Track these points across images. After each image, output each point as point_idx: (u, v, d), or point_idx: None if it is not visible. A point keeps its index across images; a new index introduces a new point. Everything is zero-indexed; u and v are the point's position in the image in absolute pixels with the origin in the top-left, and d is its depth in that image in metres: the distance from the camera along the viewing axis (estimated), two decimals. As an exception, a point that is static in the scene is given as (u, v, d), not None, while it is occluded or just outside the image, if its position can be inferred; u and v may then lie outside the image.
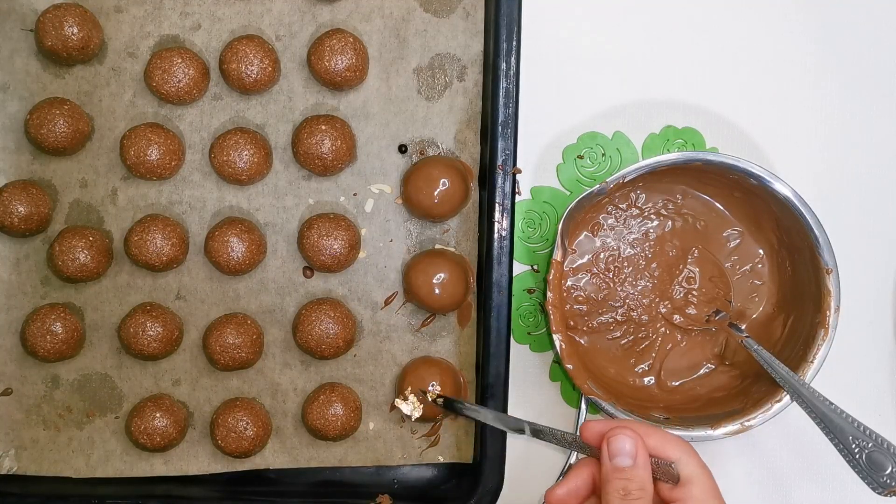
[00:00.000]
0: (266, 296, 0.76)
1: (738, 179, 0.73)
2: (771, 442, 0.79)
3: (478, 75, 0.76)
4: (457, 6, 0.75)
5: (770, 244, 0.77)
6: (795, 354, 0.73)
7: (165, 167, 0.73)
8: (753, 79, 0.80)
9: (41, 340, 0.72)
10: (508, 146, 0.73)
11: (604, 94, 0.79)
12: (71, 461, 0.75)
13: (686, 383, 0.77)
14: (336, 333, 0.73)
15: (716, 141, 0.79)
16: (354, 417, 0.74)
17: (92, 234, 0.73)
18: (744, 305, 0.77)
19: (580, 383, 0.72)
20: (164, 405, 0.73)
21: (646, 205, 0.77)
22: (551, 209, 0.79)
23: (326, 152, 0.73)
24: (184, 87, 0.73)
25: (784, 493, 0.79)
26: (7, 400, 0.75)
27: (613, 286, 0.77)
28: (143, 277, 0.75)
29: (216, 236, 0.73)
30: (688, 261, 0.77)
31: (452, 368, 0.75)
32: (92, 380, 0.75)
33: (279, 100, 0.75)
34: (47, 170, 0.75)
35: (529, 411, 0.78)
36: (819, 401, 0.66)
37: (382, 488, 0.75)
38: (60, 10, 0.71)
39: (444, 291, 0.73)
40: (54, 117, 0.72)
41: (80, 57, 0.73)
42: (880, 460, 0.62)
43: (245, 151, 0.73)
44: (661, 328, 0.77)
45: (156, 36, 0.75)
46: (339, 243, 0.73)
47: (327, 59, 0.72)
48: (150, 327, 0.72)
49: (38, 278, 0.75)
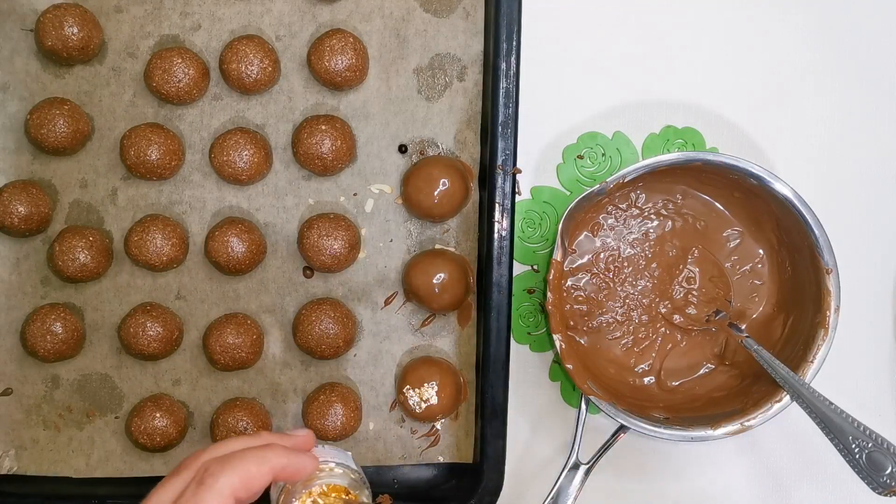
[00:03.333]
0: (266, 296, 0.76)
1: (738, 179, 0.72)
2: (771, 442, 0.79)
3: (478, 75, 0.76)
4: (457, 6, 0.75)
5: (770, 244, 0.77)
6: (795, 354, 0.73)
7: (165, 167, 0.73)
8: (753, 79, 0.80)
9: (41, 340, 0.72)
10: (508, 146, 0.73)
11: (604, 94, 0.79)
12: (71, 461, 0.75)
13: (686, 383, 0.77)
14: (336, 333, 0.73)
15: (716, 141, 0.79)
16: (354, 417, 0.74)
17: (92, 234, 0.73)
18: (744, 305, 0.77)
19: (580, 383, 0.72)
20: (164, 405, 0.73)
21: (646, 205, 0.77)
22: (551, 209, 0.79)
23: (326, 152, 0.73)
24: (184, 87, 0.73)
25: (784, 493, 0.79)
26: (7, 400, 0.75)
27: (613, 286, 0.77)
28: (143, 277, 0.75)
29: (216, 236, 0.73)
30: (688, 261, 0.77)
31: (452, 368, 0.75)
32: (92, 380, 0.75)
33: (279, 100, 0.75)
34: (47, 170, 0.75)
35: (529, 411, 0.78)
36: (819, 401, 0.66)
37: (382, 488, 0.75)
38: (60, 10, 0.71)
39: (444, 291, 0.73)
40: (54, 117, 0.72)
41: (80, 57, 0.73)
42: (880, 460, 0.62)
43: (245, 151, 0.73)
44: (661, 328, 0.77)
45: (156, 36, 0.75)
46: (339, 243, 0.73)
47: (327, 59, 0.72)
48: (150, 327, 0.72)
49: (38, 278, 0.75)
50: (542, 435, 0.79)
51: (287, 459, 0.52)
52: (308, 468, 0.54)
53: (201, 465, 0.51)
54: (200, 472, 0.50)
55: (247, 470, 0.50)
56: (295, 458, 0.52)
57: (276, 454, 0.52)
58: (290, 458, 0.52)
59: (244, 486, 0.50)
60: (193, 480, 0.50)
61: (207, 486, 0.49)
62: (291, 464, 0.52)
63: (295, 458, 0.52)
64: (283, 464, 0.52)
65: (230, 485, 0.49)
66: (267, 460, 0.51)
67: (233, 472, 0.49)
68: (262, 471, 0.51)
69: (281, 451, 0.52)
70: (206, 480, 0.49)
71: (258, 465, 0.50)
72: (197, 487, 0.49)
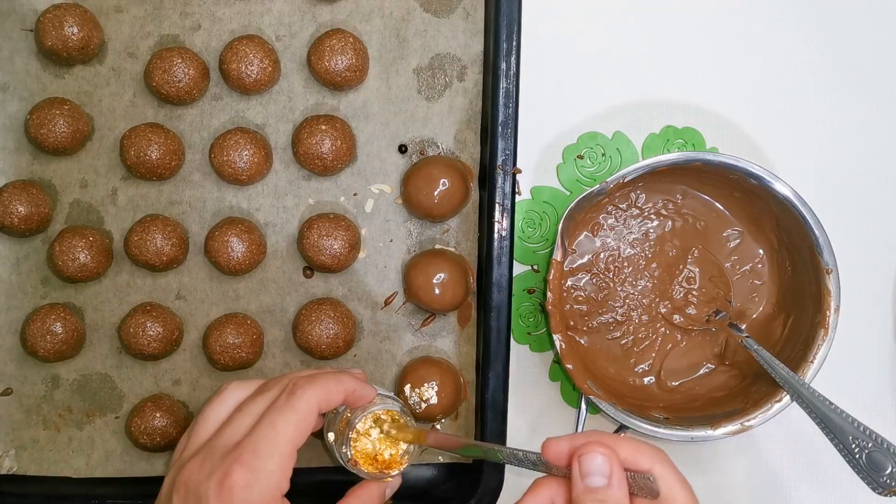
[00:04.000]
0: (266, 296, 0.76)
1: (738, 179, 0.73)
2: (771, 442, 0.79)
3: (478, 75, 0.76)
4: (457, 6, 0.75)
5: (770, 244, 0.77)
6: (795, 354, 0.73)
7: (165, 167, 0.73)
8: (753, 79, 0.80)
9: (41, 340, 0.72)
10: (508, 146, 0.73)
11: (604, 94, 0.79)
12: (71, 461, 0.75)
13: (686, 383, 0.77)
14: (336, 333, 0.73)
15: (716, 141, 0.79)
16: (354, 417, 0.74)
17: (92, 234, 0.73)
18: (744, 305, 0.77)
19: (580, 383, 0.72)
20: (164, 405, 0.73)
21: (646, 205, 0.77)
22: (551, 209, 0.79)
23: (326, 152, 0.73)
24: (184, 87, 0.73)
25: (784, 493, 0.79)
26: (7, 400, 0.75)
27: (613, 286, 0.77)
28: (143, 277, 0.75)
29: (216, 236, 0.73)
30: (688, 261, 0.77)
31: (452, 368, 0.75)
32: (92, 380, 0.75)
33: (279, 100, 0.75)
34: (47, 170, 0.75)
35: (529, 411, 0.78)
36: (819, 401, 0.66)
37: (382, 488, 0.75)
38: (60, 10, 0.71)
39: (444, 291, 0.73)
40: (54, 117, 0.72)
41: (80, 57, 0.73)
42: (880, 460, 0.62)
43: (245, 151, 0.73)
44: (661, 328, 0.77)
45: (156, 36, 0.75)
46: (339, 243, 0.73)
47: (327, 59, 0.72)
48: (150, 327, 0.72)
49: (38, 278, 0.75)
50: (542, 435, 0.78)
51: (356, 384, 0.62)
52: (370, 395, 0.63)
53: (289, 381, 0.60)
54: (290, 386, 0.59)
55: (327, 387, 0.59)
56: (361, 385, 0.62)
57: (350, 378, 0.62)
58: (358, 384, 0.62)
59: (326, 399, 0.59)
60: (284, 392, 0.59)
61: (298, 396, 0.58)
62: (359, 388, 0.62)
63: (361, 385, 0.62)
64: (353, 387, 0.61)
65: (315, 396, 0.58)
66: (342, 382, 0.61)
67: (318, 386, 0.59)
68: (339, 389, 0.60)
69: (352, 377, 0.62)
70: (297, 391, 0.58)
71: (336, 384, 0.60)
72: (288, 397, 0.58)
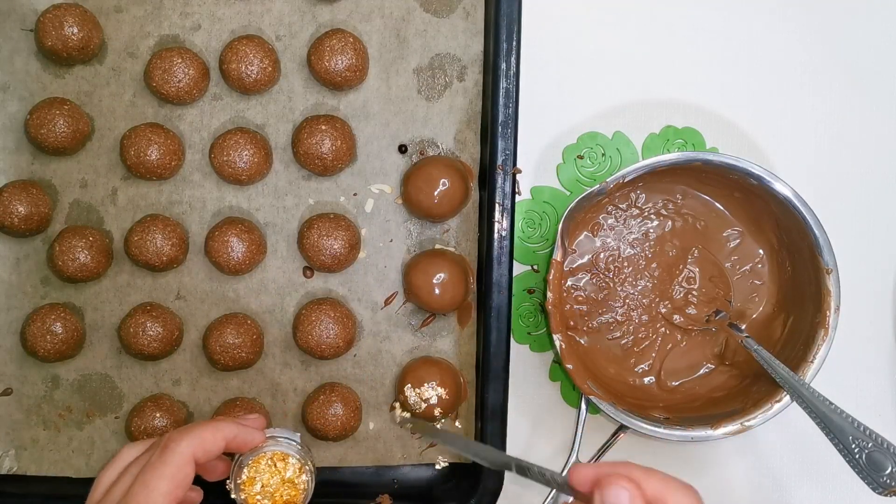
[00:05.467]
0: (266, 296, 0.76)
1: (738, 179, 0.72)
2: (771, 442, 0.79)
3: (478, 75, 0.76)
4: (457, 6, 0.75)
5: (770, 244, 0.77)
6: (795, 354, 0.73)
7: (165, 167, 0.73)
8: (753, 79, 0.80)
9: (41, 340, 0.72)
10: (508, 146, 0.73)
11: (604, 94, 0.79)
12: (71, 461, 0.75)
13: (686, 383, 0.77)
14: (336, 333, 0.73)
15: (716, 141, 0.79)
16: (354, 417, 0.74)
17: (92, 234, 0.73)
18: (744, 305, 0.77)
19: (580, 383, 0.72)
20: (164, 405, 0.73)
21: (646, 205, 0.77)
22: (551, 209, 0.79)
23: (326, 152, 0.73)
24: (184, 87, 0.73)
25: (784, 493, 0.79)
26: (7, 400, 0.75)
27: (613, 286, 0.77)
28: (143, 277, 0.75)
29: (216, 236, 0.73)
30: (688, 261, 0.77)
31: (452, 368, 0.75)
32: (92, 380, 0.75)
33: (279, 100, 0.75)
34: (47, 170, 0.75)
35: (529, 411, 0.78)
36: (819, 401, 0.66)
37: (382, 488, 0.75)
38: (60, 10, 0.71)
39: (444, 291, 0.73)
40: (54, 117, 0.72)
41: (80, 57, 0.73)
42: (880, 460, 0.62)
43: (245, 151, 0.73)
44: (661, 328, 0.77)
45: (156, 36, 0.75)
46: (339, 243, 0.73)
47: (327, 59, 0.72)
48: (150, 327, 0.72)
49: (38, 278, 0.75)
50: (542, 435, 0.79)
51: (237, 430, 0.62)
52: (255, 439, 0.64)
53: (165, 437, 0.60)
54: (165, 440, 0.59)
55: (202, 436, 0.60)
56: (244, 430, 0.63)
57: (228, 425, 0.62)
58: (239, 429, 0.62)
59: (202, 448, 0.59)
60: (158, 447, 0.59)
61: (170, 450, 0.58)
62: (241, 433, 0.62)
63: (244, 430, 0.63)
64: (234, 432, 0.62)
65: (189, 446, 0.59)
66: (220, 429, 0.61)
67: (192, 436, 0.59)
68: (217, 437, 0.60)
69: (232, 423, 0.62)
70: (169, 445, 0.58)
71: (213, 432, 0.60)
72: (161, 452, 0.58)
